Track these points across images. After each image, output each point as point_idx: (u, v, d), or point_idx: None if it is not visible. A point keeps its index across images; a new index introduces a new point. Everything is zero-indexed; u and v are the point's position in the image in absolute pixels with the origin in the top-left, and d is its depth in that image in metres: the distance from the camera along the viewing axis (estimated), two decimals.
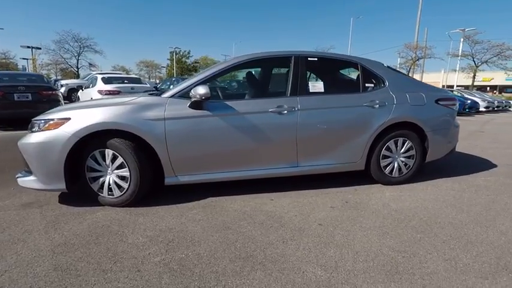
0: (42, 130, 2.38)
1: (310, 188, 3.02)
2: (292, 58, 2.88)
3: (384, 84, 3.09)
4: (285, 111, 2.72)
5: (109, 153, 2.44)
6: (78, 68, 34.50)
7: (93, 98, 8.01)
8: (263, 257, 1.81)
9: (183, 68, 44.98)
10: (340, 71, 3.36)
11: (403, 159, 3.12)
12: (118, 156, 2.43)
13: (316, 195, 2.84)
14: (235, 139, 2.63)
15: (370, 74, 3.10)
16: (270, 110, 2.69)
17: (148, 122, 2.45)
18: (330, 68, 3.28)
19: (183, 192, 2.82)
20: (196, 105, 2.52)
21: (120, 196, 2.49)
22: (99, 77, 8.61)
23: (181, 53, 45.49)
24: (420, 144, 3.15)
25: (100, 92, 7.78)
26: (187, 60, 46.62)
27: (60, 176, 2.37)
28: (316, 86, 2.88)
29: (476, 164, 4.04)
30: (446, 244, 1.99)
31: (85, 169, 2.47)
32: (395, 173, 3.13)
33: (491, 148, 5.23)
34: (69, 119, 2.38)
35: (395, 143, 3.07)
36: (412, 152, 3.13)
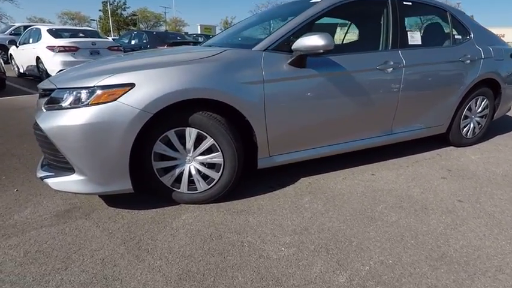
0: (89, 104, 1.52)
1: (392, 156, 2.67)
2: (389, 1, 2.31)
3: (469, 36, 2.74)
4: (390, 68, 2.22)
5: (192, 133, 1.71)
6: None
7: (41, 57, 6.31)
8: (459, 255, 1.45)
9: (119, 22, 39.29)
10: (430, 19, 2.88)
11: (478, 119, 2.94)
12: (206, 137, 1.72)
13: (409, 164, 2.52)
14: (341, 104, 2.08)
15: (459, 24, 2.71)
16: (377, 67, 2.16)
17: (244, 86, 1.74)
18: (420, 15, 2.79)
19: (250, 176, 2.24)
20: (300, 61, 1.87)
21: (207, 190, 1.82)
22: (44, 28, 6.67)
23: (115, 4, 39.25)
24: (492, 102, 2.99)
25: (51, 48, 6.05)
26: (123, 12, 40.60)
27: (124, 171, 1.60)
28: (415, 37, 2.40)
29: (505, 119, 4.14)
30: None
31: (151, 157, 1.72)
32: (469, 134, 2.95)
33: None
34: (132, 85, 1.55)
35: (475, 102, 2.85)
36: (486, 111, 2.96)
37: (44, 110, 1.63)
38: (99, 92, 1.53)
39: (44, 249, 1.45)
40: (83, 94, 1.54)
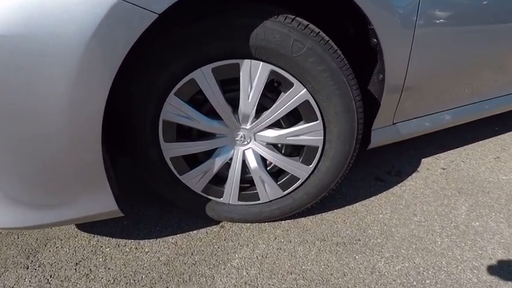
0: None
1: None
2: None
3: None
4: None
5: (256, 73, 0.69)
6: None
7: None
8: None
9: None
10: None
11: None
12: (291, 85, 0.71)
13: None
14: None
15: None
16: None
17: None
18: None
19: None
20: None
21: (280, 199, 0.86)
22: None
23: None
24: None
25: None
26: None
27: (94, 170, 0.63)
28: None
29: None
30: None
31: (158, 133, 0.74)
32: None
33: None
34: None
35: None
36: None
37: None
38: None
39: None
40: None
